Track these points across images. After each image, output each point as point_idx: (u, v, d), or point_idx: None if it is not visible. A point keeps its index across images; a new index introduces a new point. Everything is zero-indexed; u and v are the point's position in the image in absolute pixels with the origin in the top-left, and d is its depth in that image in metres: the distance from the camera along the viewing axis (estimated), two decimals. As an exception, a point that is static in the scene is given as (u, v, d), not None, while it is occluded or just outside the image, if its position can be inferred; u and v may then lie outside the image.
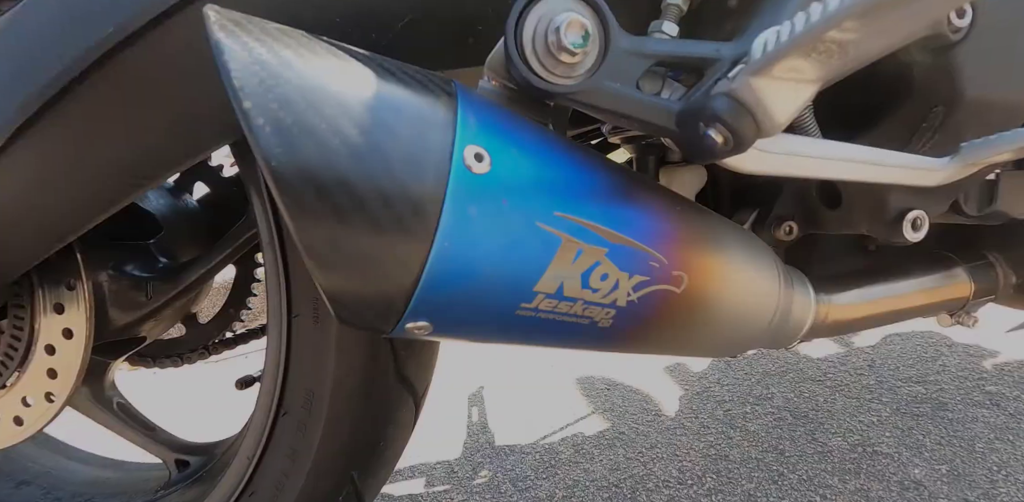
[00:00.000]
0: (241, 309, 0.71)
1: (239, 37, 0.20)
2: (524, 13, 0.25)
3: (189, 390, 1.11)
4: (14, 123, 0.29)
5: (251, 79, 0.19)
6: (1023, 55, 0.34)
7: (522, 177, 0.23)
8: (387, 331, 0.24)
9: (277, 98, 0.19)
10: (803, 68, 0.21)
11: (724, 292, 0.32)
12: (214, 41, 0.20)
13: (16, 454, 0.64)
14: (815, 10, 0.19)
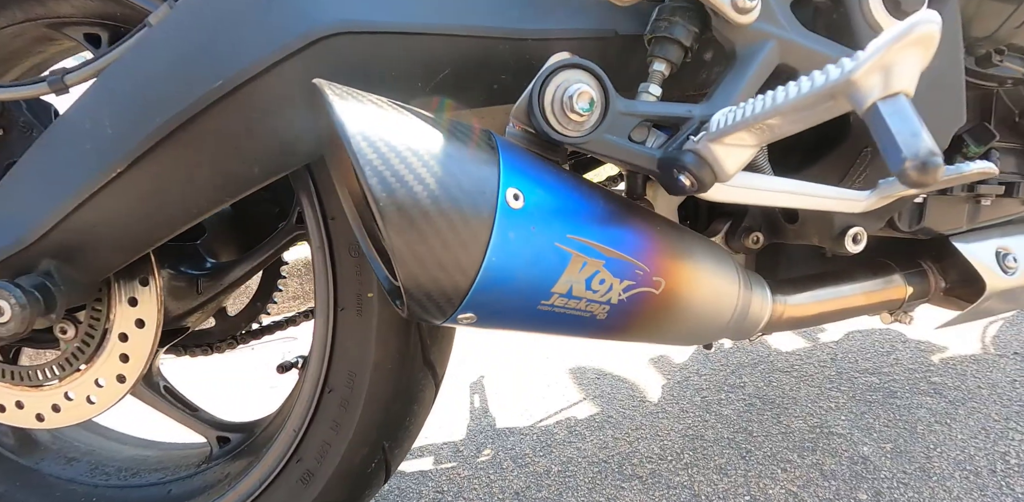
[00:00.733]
0: (267, 303, 0.79)
1: (351, 105, 0.29)
2: (546, 81, 0.34)
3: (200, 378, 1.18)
4: (138, 150, 0.37)
5: (362, 139, 0.28)
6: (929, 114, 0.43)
7: (545, 209, 0.32)
8: (442, 320, 0.33)
9: (380, 154, 0.28)
10: (745, 138, 0.30)
11: (692, 293, 0.41)
12: (335, 108, 0.28)
13: (62, 434, 0.72)
14: (754, 104, 0.29)
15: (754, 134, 0.30)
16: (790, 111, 0.26)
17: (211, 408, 0.69)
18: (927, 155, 0.18)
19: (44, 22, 0.59)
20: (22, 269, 0.40)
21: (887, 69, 0.20)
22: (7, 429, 0.67)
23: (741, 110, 0.29)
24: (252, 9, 0.36)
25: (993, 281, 0.56)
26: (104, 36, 0.57)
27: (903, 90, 0.20)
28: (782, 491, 0.67)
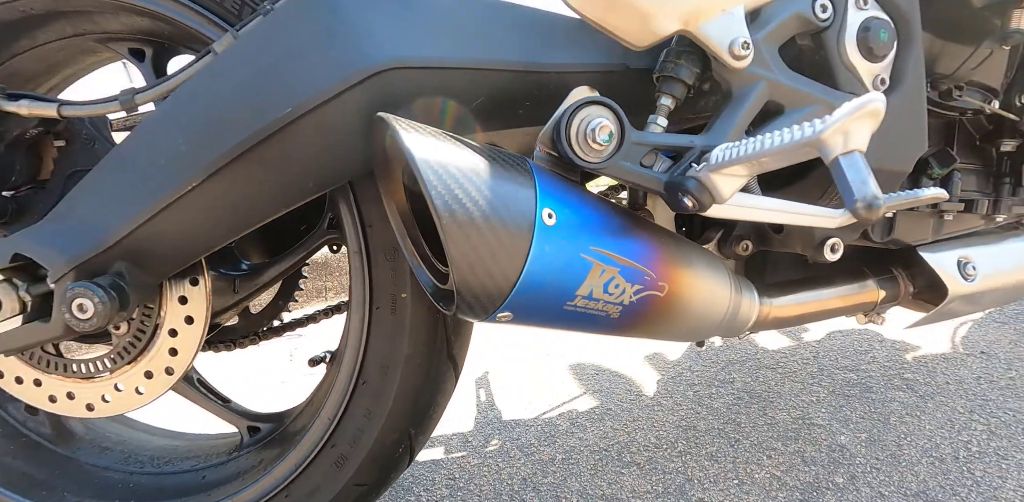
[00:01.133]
0: (288, 301, 0.84)
1: (417, 137, 0.35)
2: (572, 115, 0.40)
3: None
4: (212, 167, 0.42)
5: (428, 167, 0.34)
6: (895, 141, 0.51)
7: (572, 226, 0.39)
8: (484, 318, 0.39)
9: (442, 180, 0.34)
10: (739, 170, 0.37)
11: (691, 296, 0.48)
12: (404, 139, 0.34)
13: (94, 425, 0.76)
14: (747, 146, 0.36)
15: (746, 167, 0.37)
16: (774, 154, 0.33)
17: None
18: (872, 198, 0.25)
19: (92, 37, 0.63)
20: (98, 270, 0.45)
21: (846, 132, 0.27)
22: (44, 420, 0.72)
23: (737, 149, 0.35)
24: (315, 45, 0.42)
25: (955, 287, 0.63)
26: (148, 52, 0.63)
27: (858, 148, 0.27)
28: (767, 476, 0.75)
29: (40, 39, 0.63)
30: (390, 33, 0.43)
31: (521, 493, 0.75)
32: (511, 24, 0.48)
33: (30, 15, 0.59)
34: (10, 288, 0.47)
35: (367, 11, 0.44)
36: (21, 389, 0.60)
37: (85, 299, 0.43)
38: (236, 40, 0.45)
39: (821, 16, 0.46)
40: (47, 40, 0.63)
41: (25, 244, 0.46)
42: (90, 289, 0.43)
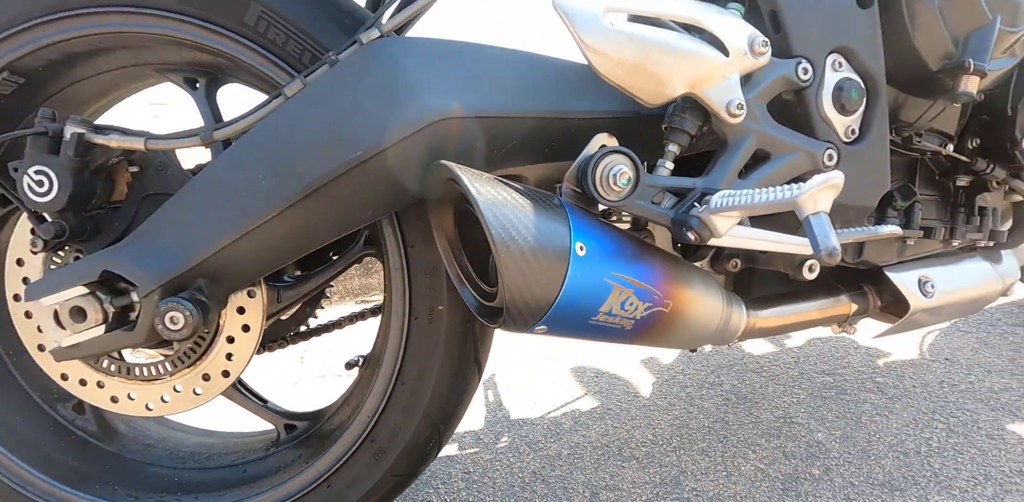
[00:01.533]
0: (315, 308, 0.92)
1: (479, 185, 0.43)
2: (598, 161, 0.49)
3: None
4: (291, 200, 0.50)
5: (487, 207, 0.42)
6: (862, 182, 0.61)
7: (598, 256, 0.48)
8: (525, 330, 0.48)
9: (498, 218, 0.43)
10: (733, 213, 0.46)
11: (690, 310, 0.58)
12: (468, 184, 0.43)
13: (135, 424, 0.83)
14: (740, 197, 0.45)
15: (739, 212, 0.46)
16: (761, 207, 0.43)
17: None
18: (831, 250, 0.35)
19: (150, 67, 0.71)
20: (181, 286, 0.53)
21: (815, 199, 0.36)
22: (90, 418, 0.78)
23: (732, 198, 0.45)
24: (379, 96, 0.51)
25: (916, 302, 0.74)
26: (202, 81, 0.70)
27: (823, 210, 0.36)
28: (752, 468, 0.85)
29: (102, 68, 0.70)
30: (443, 87, 0.51)
31: (531, 485, 0.84)
32: (543, 75, 0.57)
33: (98, 48, 0.66)
34: (95, 300, 0.55)
35: (423, 66, 0.52)
36: (85, 390, 0.67)
37: (177, 313, 0.50)
38: (305, 86, 0.53)
39: (803, 77, 0.56)
40: (108, 69, 0.70)
41: (114, 262, 0.53)
42: (181, 304, 0.50)
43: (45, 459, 0.72)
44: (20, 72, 0.65)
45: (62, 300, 0.54)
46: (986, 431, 0.92)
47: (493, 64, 0.55)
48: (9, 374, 0.75)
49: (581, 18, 0.47)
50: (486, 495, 0.83)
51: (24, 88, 0.67)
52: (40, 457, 0.72)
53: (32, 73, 0.66)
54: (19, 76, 0.65)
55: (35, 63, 0.64)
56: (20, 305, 0.65)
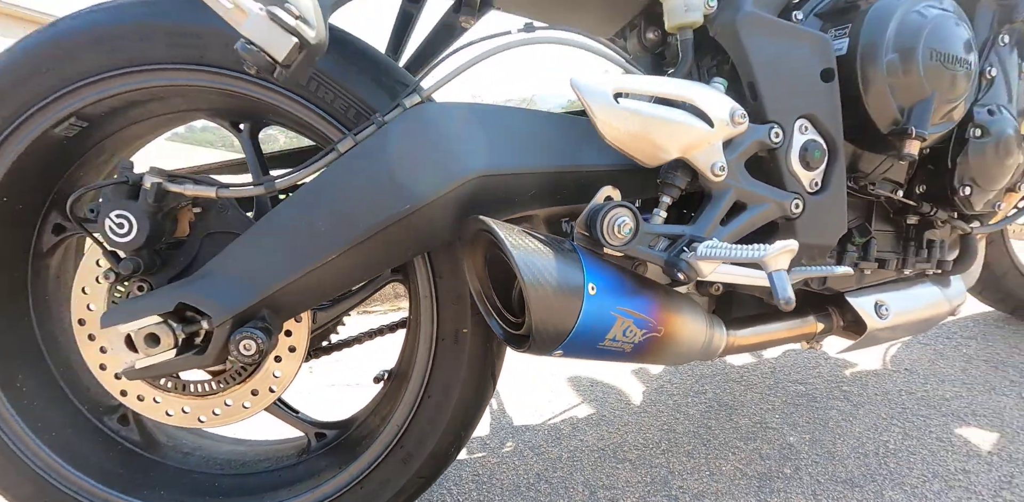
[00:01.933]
0: (337, 324, 1.01)
1: (512, 237, 0.54)
2: (605, 213, 0.60)
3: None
4: (348, 246, 0.60)
5: (519, 255, 0.53)
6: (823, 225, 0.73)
7: (606, 293, 0.59)
8: (545, 354, 0.58)
9: (529, 264, 0.53)
10: (715, 261, 0.58)
11: (679, 334, 0.69)
12: (502, 236, 0.53)
13: (173, 434, 0.91)
14: (721, 250, 0.56)
15: (719, 261, 0.58)
16: (736, 260, 0.55)
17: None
18: (787, 299, 0.47)
19: (202, 112, 0.80)
20: (249, 317, 0.63)
21: (776, 259, 0.48)
22: (134, 429, 0.86)
23: (715, 250, 0.56)
24: (424, 156, 0.61)
25: (872, 323, 0.87)
26: (246, 125, 0.79)
27: (782, 268, 0.48)
28: (732, 468, 0.98)
29: (157, 112, 0.78)
30: (476, 149, 0.62)
31: (536, 485, 0.95)
32: (558, 133, 0.68)
33: (157, 96, 0.74)
34: (167, 328, 0.64)
35: (459, 130, 0.63)
36: (142, 405, 0.76)
37: (250, 340, 0.60)
38: (356, 145, 0.63)
39: (775, 140, 0.68)
40: (163, 113, 0.78)
41: (189, 295, 0.62)
42: (254, 333, 0.60)
43: (98, 468, 0.80)
44: (85, 117, 0.73)
45: (137, 327, 0.64)
46: (936, 434, 1.06)
47: (516, 125, 0.66)
48: (60, 390, 0.83)
49: (593, 95, 0.59)
50: (495, 495, 0.94)
51: (85, 130, 0.76)
52: (93, 466, 0.80)
53: (95, 118, 0.74)
54: (84, 121, 0.74)
55: (99, 110, 0.73)
56: (84, 328, 0.74)
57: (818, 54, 0.69)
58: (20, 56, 0.69)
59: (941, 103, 0.72)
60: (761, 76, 0.68)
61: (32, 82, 0.69)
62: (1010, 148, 0.79)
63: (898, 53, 0.69)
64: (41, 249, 0.82)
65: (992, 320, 1.51)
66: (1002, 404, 1.14)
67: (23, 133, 0.70)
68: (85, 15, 0.69)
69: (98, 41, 0.68)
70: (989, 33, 0.81)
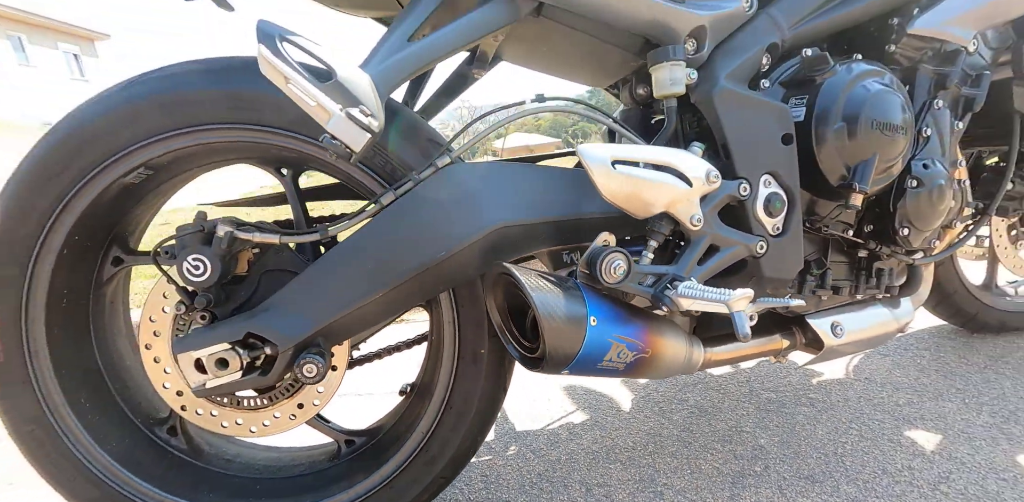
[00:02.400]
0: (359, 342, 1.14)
1: (530, 280, 0.69)
2: (603, 257, 0.76)
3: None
4: (395, 283, 0.73)
5: (537, 296, 0.68)
6: (783, 262, 0.90)
7: (604, 323, 0.74)
8: (554, 373, 0.73)
9: (544, 304, 0.68)
10: (694, 299, 0.73)
11: (663, 354, 0.84)
12: (522, 279, 0.68)
13: (214, 442, 1.04)
14: (696, 291, 0.72)
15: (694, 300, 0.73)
16: (706, 300, 0.70)
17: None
18: (745, 335, 0.63)
19: (251, 160, 0.93)
20: (308, 344, 0.76)
21: (736, 303, 0.63)
22: (181, 438, 0.99)
23: (691, 291, 0.72)
24: (455, 211, 0.75)
25: (829, 341, 1.03)
26: (289, 171, 0.92)
27: (740, 310, 0.64)
28: (710, 467, 1.14)
29: (212, 159, 0.91)
30: (499, 204, 0.77)
31: (538, 484, 1.10)
32: (565, 186, 0.82)
33: (216, 149, 0.87)
34: (235, 353, 0.77)
35: (483, 188, 0.77)
36: (200, 418, 0.89)
37: (312, 365, 0.74)
38: (396, 199, 0.77)
39: (743, 193, 0.84)
40: (217, 160, 0.91)
41: (256, 326, 0.76)
42: (315, 358, 0.74)
43: (153, 473, 0.93)
44: (151, 167, 0.86)
45: (208, 353, 0.77)
46: (888, 436, 1.24)
47: (530, 181, 0.80)
48: (117, 405, 0.96)
49: (595, 162, 0.74)
50: (502, 493, 1.09)
51: (150, 178, 0.89)
52: (149, 472, 0.92)
53: (159, 167, 0.87)
54: (150, 170, 0.86)
55: (164, 160, 0.86)
56: (150, 352, 0.86)
57: (779, 122, 0.85)
58: (98, 114, 0.81)
59: (881, 162, 0.89)
60: (732, 139, 0.84)
61: (109, 138, 0.81)
62: (942, 195, 0.97)
63: (845, 122, 0.86)
64: (101, 279, 0.94)
65: (945, 333, 1.71)
66: (947, 409, 1.32)
67: (99, 182, 0.83)
68: (156, 81, 0.81)
69: (169, 104, 0.80)
70: (926, 97, 0.98)
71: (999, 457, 1.14)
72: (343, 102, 0.61)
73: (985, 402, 1.33)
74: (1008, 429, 1.23)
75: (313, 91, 0.59)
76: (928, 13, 0.93)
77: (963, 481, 1.08)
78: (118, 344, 0.99)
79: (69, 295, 0.89)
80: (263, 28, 0.62)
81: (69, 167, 0.81)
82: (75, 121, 0.81)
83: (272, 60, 0.59)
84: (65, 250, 0.85)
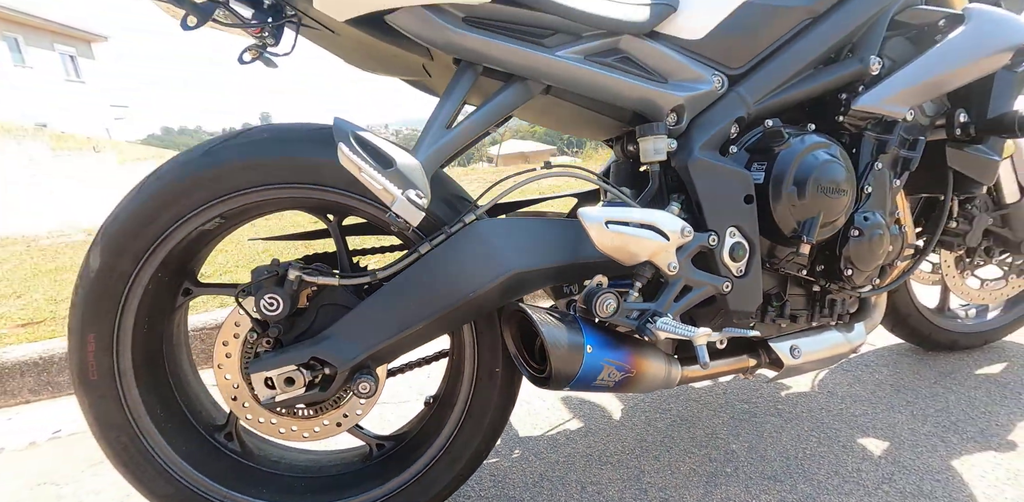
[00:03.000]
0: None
1: (538, 315, 0.88)
2: (598, 296, 0.95)
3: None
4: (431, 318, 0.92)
5: (546, 333, 0.87)
6: (745, 298, 1.09)
7: (598, 350, 0.93)
8: (558, 390, 0.92)
9: (551, 336, 0.88)
10: (668, 332, 0.93)
11: (645, 373, 1.04)
12: (535, 318, 0.88)
13: (260, 445, 1.22)
14: (669, 327, 0.92)
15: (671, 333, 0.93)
16: (679, 333, 0.90)
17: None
18: (705, 364, 0.83)
19: (304, 208, 1.12)
20: (362, 365, 0.95)
21: (699, 338, 0.84)
22: (236, 442, 1.17)
23: (667, 325, 0.92)
24: (479, 260, 0.95)
25: (788, 362, 1.23)
26: (335, 217, 1.12)
27: (701, 344, 0.84)
28: (688, 468, 1.34)
29: (273, 207, 1.10)
30: (514, 254, 0.96)
31: (539, 483, 1.29)
32: (568, 235, 1.02)
33: (280, 202, 1.06)
34: (300, 373, 0.96)
35: (502, 241, 0.96)
36: (262, 426, 1.07)
37: (366, 383, 0.93)
38: (432, 249, 0.97)
39: (712, 243, 1.04)
40: (277, 208, 1.11)
41: (319, 351, 0.94)
42: (368, 378, 0.93)
43: (214, 471, 1.11)
44: (225, 216, 1.05)
45: (277, 373, 0.96)
46: (842, 443, 1.44)
47: (541, 233, 1.00)
48: (183, 414, 1.14)
49: (591, 222, 0.94)
50: (508, 490, 1.28)
51: (221, 224, 1.08)
52: (211, 470, 1.11)
53: (232, 216, 1.06)
54: (223, 219, 1.06)
55: (237, 211, 1.05)
56: (221, 371, 1.05)
57: (742, 185, 1.06)
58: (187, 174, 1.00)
59: (826, 218, 1.09)
60: (704, 199, 1.04)
61: (195, 194, 1.00)
62: (880, 242, 1.17)
63: (795, 186, 1.06)
64: (173, 308, 1.13)
65: (903, 351, 1.93)
66: (896, 420, 1.53)
67: (183, 229, 1.01)
68: (235, 147, 1.00)
69: (246, 167, 0.99)
70: (869, 159, 1.19)
71: (936, 462, 1.35)
72: (402, 186, 0.81)
73: (930, 414, 1.54)
74: (947, 438, 1.44)
75: (380, 179, 0.79)
76: (869, 92, 1.14)
77: (903, 482, 1.28)
78: (182, 362, 1.18)
79: (149, 322, 1.08)
80: (340, 126, 0.82)
81: (160, 217, 1.00)
82: (166, 179, 1.00)
83: (349, 154, 0.78)
84: (150, 285, 1.03)
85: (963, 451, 1.38)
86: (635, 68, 1.05)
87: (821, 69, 1.16)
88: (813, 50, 1.13)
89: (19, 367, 2.23)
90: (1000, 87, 1.25)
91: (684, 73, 1.06)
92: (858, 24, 1.16)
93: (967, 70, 1.20)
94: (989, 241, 1.68)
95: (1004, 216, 1.61)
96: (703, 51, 1.08)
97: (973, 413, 1.54)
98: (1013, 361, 1.81)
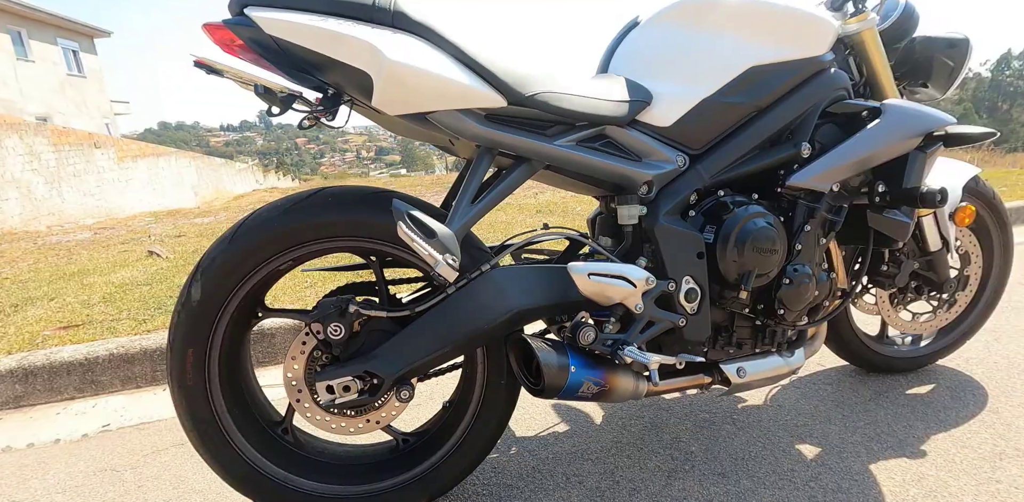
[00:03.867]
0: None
1: (536, 343, 1.22)
2: (581, 329, 1.29)
3: (312, 407, 2.01)
4: (456, 343, 1.26)
5: (546, 360, 1.21)
6: (697, 330, 1.42)
7: (579, 370, 1.26)
8: (550, 399, 1.25)
9: (547, 360, 1.21)
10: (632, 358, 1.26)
11: (617, 387, 1.36)
12: (537, 348, 1.21)
13: (306, 439, 1.54)
14: (637, 356, 1.26)
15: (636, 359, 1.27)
16: (642, 362, 1.24)
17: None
18: (656, 383, 1.16)
19: (350, 250, 1.45)
20: (403, 379, 1.28)
21: (654, 363, 1.17)
22: (290, 435, 1.50)
23: (633, 354, 1.25)
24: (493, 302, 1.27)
25: (735, 380, 1.56)
26: (376, 257, 1.45)
27: (655, 368, 1.17)
28: (653, 465, 1.67)
29: (331, 252, 1.44)
30: (521, 296, 1.29)
31: (532, 474, 1.63)
32: (561, 283, 1.36)
33: (337, 247, 1.40)
34: (355, 382, 1.28)
35: (511, 286, 1.30)
36: (318, 421, 1.40)
37: (406, 391, 1.26)
38: (457, 290, 1.30)
39: (670, 288, 1.37)
40: (331, 252, 1.44)
41: (372, 365, 1.27)
42: (407, 387, 1.26)
43: (276, 457, 1.44)
44: (295, 259, 1.38)
45: (337, 382, 1.29)
46: (783, 448, 1.78)
47: (538, 279, 1.33)
48: (251, 411, 1.46)
49: (578, 274, 1.27)
50: (506, 480, 1.61)
51: (292, 264, 1.41)
52: (274, 456, 1.44)
53: (300, 258, 1.39)
54: (294, 261, 1.39)
55: (305, 256, 1.38)
56: (289, 378, 1.38)
57: (695, 245, 1.40)
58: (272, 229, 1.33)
59: (760, 271, 1.43)
60: (666, 255, 1.38)
61: (276, 244, 1.33)
62: (807, 289, 1.51)
63: (736, 247, 1.41)
64: (246, 328, 1.46)
65: (847, 372, 2.27)
66: (831, 430, 1.87)
67: (265, 269, 1.34)
68: (308, 208, 1.33)
69: (317, 226, 1.32)
70: (801, 222, 1.53)
71: (857, 465, 1.68)
72: (441, 252, 1.14)
73: (860, 426, 1.88)
74: (870, 446, 1.78)
75: (428, 248, 1.12)
76: (801, 171, 1.49)
77: (827, 480, 1.62)
78: (248, 370, 1.51)
79: (230, 340, 1.40)
80: (398, 207, 1.15)
81: (247, 262, 1.32)
82: (253, 233, 1.33)
83: (406, 230, 1.11)
84: (235, 312, 1.36)
85: (881, 457, 1.72)
86: (616, 150, 1.39)
87: (765, 150, 1.51)
88: (758, 136, 1.48)
89: (66, 367, 2.55)
90: (912, 165, 1.59)
91: (655, 154, 1.41)
92: (796, 115, 1.51)
93: (883, 152, 1.54)
94: (919, 281, 2.02)
95: (929, 261, 1.96)
96: (670, 136, 1.42)
97: (897, 426, 1.88)
98: (940, 383, 2.15)
